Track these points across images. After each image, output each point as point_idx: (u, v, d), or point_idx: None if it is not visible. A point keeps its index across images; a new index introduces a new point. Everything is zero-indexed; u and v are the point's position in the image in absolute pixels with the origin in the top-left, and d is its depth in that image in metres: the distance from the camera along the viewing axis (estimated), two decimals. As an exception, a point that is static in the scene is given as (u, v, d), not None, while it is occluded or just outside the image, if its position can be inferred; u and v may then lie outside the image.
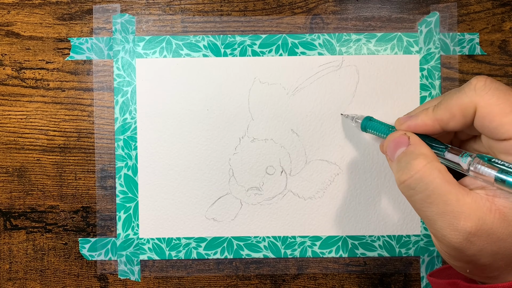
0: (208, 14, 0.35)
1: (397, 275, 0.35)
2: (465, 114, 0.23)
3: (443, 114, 0.24)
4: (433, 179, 0.22)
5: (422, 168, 0.23)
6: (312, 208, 0.35)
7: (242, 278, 0.35)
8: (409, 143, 0.25)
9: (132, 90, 0.35)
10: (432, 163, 0.23)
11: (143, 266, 0.35)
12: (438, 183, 0.22)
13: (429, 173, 0.23)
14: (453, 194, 0.22)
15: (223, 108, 0.34)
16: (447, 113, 0.24)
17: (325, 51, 0.34)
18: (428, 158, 0.23)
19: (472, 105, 0.23)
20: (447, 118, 0.24)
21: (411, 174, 0.23)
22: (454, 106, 0.24)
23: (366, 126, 0.31)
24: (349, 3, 0.35)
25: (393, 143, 0.25)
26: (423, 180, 0.23)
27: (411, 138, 0.25)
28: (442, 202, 0.22)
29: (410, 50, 0.34)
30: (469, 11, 0.35)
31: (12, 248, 0.35)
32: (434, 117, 0.25)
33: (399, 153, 0.25)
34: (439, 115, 0.25)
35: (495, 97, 0.22)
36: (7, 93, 0.35)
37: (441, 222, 0.22)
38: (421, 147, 0.24)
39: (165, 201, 0.35)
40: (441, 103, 0.24)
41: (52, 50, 0.35)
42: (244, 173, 0.35)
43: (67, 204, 0.35)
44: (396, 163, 0.25)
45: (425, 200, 0.23)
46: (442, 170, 0.23)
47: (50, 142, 0.35)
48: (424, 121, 0.25)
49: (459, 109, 0.23)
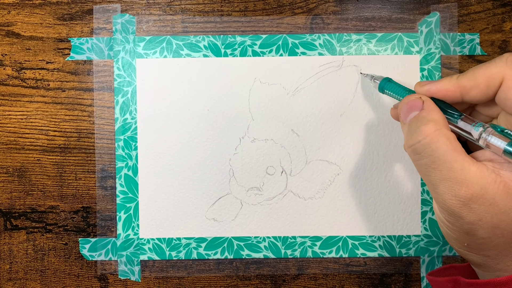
0: (208, 14, 0.35)
1: (397, 275, 0.35)
2: (490, 84, 0.23)
3: (467, 81, 0.24)
4: (440, 145, 0.23)
5: (430, 134, 0.23)
6: (312, 208, 0.35)
7: (242, 278, 0.35)
8: (422, 107, 0.24)
9: (132, 90, 0.35)
10: (441, 130, 0.23)
11: (143, 266, 0.35)
12: (445, 150, 0.22)
13: (437, 139, 0.23)
14: (458, 162, 0.22)
15: (224, 108, 0.34)
16: (471, 81, 0.24)
17: (326, 51, 0.34)
18: (438, 124, 0.23)
19: (499, 76, 0.23)
20: (470, 86, 0.24)
21: (419, 139, 0.23)
22: (481, 75, 0.24)
23: (384, 87, 0.31)
24: (350, 3, 0.35)
25: (406, 105, 0.25)
26: (430, 146, 0.23)
27: (425, 102, 0.25)
28: (446, 169, 0.22)
29: (410, 50, 0.34)
30: (470, 11, 0.35)
31: (12, 248, 0.35)
32: (457, 83, 0.25)
33: (411, 116, 0.25)
34: (463, 82, 0.24)
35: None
36: (8, 93, 0.35)
37: (443, 187, 0.23)
38: (433, 113, 0.24)
39: (165, 201, 0.35)
40: (468, 71, 0.25)
41: (52, 50, 0.35)
42: (244, 173, 0.35)
43: (67, 204, 0.35)
44: (407, 126, 0.25)
45: (430, 165, 0.23)
46: (451, 137, 0.23)
47: (50, 142, 0.35)
48: (446, 85, 0.25)
49: (485, 78, 0.23)
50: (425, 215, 0.34)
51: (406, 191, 0.34)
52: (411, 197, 0.34)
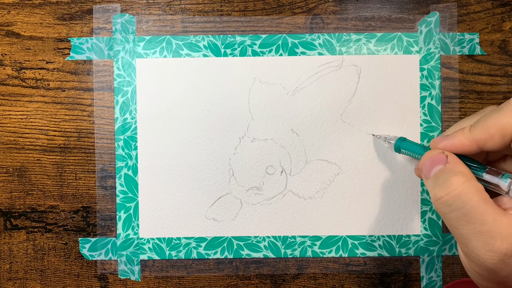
0: (208, 14, 0.35)
1: (397, 275, 0.35)
2: (504, 134, 0.23)
3: (480, 134, 0.24)
4: (471, 197, 0.22)
5: (460, 186, 0.23)
6: (312, 208, 0.35)
7: (242, 278, 0.35)
8: (447, 161, 0.24)
9: (132, 90, 0.35)
10: (470, 181, 0.23)
11: (143, 266, 0.35)
12: (476, 201, 0.22)
13: (468, 190, 0.22)
14: (490, 213, 0.22)
15: (223, 108, 0.35)
16: (485, 133, 0.24)
17: (325, 51, 0.34)
18: (467, 176, 0.23)
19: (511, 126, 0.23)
20: (485, 139, 0.24)
21: (448, 191, 0.23)
22: (493, 126, 0.23)
23: (400, 147, 0.31)
24: (349, 3, 0.35)
25: (429, 160, 0.25)
26: (461, 198, 0.22)
27: (449, 156, 0.25)
28: (479, 221, 0.22)
29: (410, 50, 0.34)
30: (469, 11, 0.35)
31: (12, 248, 0.35)
32: (472, 137, 0.25)
33: (436, 170, 0.24)
34: (477, 135, 0.24)
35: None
36: (7, 93, 0.35)
37: (476, 242, 0.22)
38: (459, 166, 0.24)
39: (165, 201, 0.35)
40: (479, 122, 0.24)
41: (52, 50, 0.35)
42: (244, 173, 0.35)
43: (67, 204, 0.35)
44: (432, 180, 0.24)
45: (462, 218, 0.22)
46: (480, 189, 0.23)
47: (50, 142, 0.35)
48: (461, 140, 0.25)
49: (497, 130, 0.23)
50: (424, 215, 0.35)
51: (406, 191, 0.34)
52: (411, 197, 0.34)
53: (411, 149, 0.30)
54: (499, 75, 0.35)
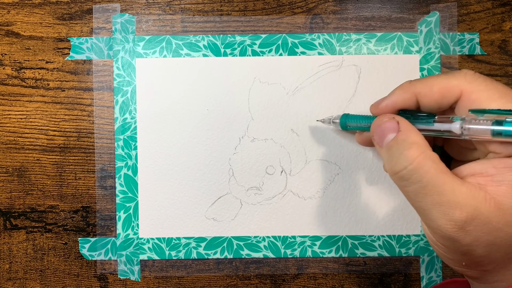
0: (208, 14, 0.35)
1: (397, 275, 0.35)
2: (445, 95, 0.23)
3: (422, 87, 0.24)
4: (428, 169, 0.22)
5: (416, 159, 0.22)
6: (312, 208, 0.35)
7: (242, 278, 0.35)
8: (399, 129, 0.24)
9: (132, 90, 0.35)
10: (425, 153, 0.22)
11: (143, 266, 0.35)
12: (433, 173, 0.22)
13: (424, 163, 0.22)
14: (448, 184, 0.21)
15: (223, 108, 0.34)
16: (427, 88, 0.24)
17: (325, 51, 0.34)
18: (421, 147, 0.22)
19: (457, 89, 0.23)
20: (425, 93, 0.24)
21: (404, 165, 0.22)
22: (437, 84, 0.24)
23: (346, 122, 0.30)
24: (349, 3, 0.35)
25: (380, 128, 0.24)
26: (418, 172, 0.22)
27: (401, 123, 0.24)
28: (437, 193, 0.22)
29: (410, 50, 0.34)
30: (469, 11, 0.35)
31: (12, 248, 0.35)
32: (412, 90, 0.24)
33: (389, 140, 0.24)
34: (418, 88, 0.24)
35: (483, 85, 0.22)
36: (7, 93, 0.35)
37: (436, 213, 0.22)
38: (413, 135, 0.23)
39: (165, 201, 0.35)
40: (423, 78, 0.24)
41: (52, 50, 0.35)
42: (244, 173, 0.35)
43: (67, 204, 0.35)
44: (386, 151, 0.24)
45: (420, 191, 0.22)
46: (436, 159, 0.22)
47: (50, 142, 0.35)
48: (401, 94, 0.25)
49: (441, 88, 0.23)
50: (424, 215, 0.34)
51: (406, 190, 0.34)
52: (411, 196, 0.34)
53: (357, 121, 0.29)
54: (499, 75, 0.35)
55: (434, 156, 0.22)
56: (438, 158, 0.22)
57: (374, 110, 0.27)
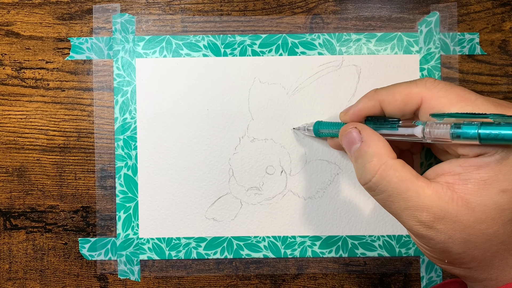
0: (208, 14, 0.35)
1: (397, 275, 0.35)
2: (408, 102, 0.24)
3: (385, 95, 0.25)
4: (390, 179, 0.23)
5: (377, 171, 0.23)
6: (312, 208, 0.35)
7: (242, 278, 0.35)
8: (361, 139, 0.25)
9: (132, 90, 0.35)
10: (386, 163, 0.23)
11: (143, 266, 0.35)
12: (396, 183, 0.23)
13: (386, 174, 0.23)
14: (412, 190, 0.22)
15: (223, 108, 0.34)
16: (390, 96, 0.25)
17: (325, 51, 0.34)
18: (382, 158, 0.24)
19: (418, 96, 0.24)
20: (388, 101, 0.25)
21: (368, 178, 0.24)
22: (399, 92, 0.25)
23: (319, 129, 0.31)
24: (349, 3, 0.35)
25: (345, 139, 0.26)
26: (381, 182, 0.23)
27: (363, 133, 0.25)
28: (402, 200, 0.23)
29: (410, 50, 0.34)
30: (469, 11, 0.35)
31: (12, 248, 0.35)
32: (376, 97, 0.26)
33: (354, 150, 0.25)
34: (381, 96, 0.25)
35: (443, 91, 0.23)
36: (7, 93, 0.35)
37: (406, 216, 0.23)
38: (373, 144, 0.24)
39: (165, 201, 0.35)
40: (388, 86, 0.26)
41: (52, 50, 0.35)
42: (244, 173, 0.35)
43: (67, 204, 0.35)
44: (354, 161, 0.25)
45: (387, 199, 0.24)
46: (398, 167, 0.23)
47: (50, 142, 0.35)
48: (366, 103, 0.26)
49: (403, 95, 0.24)
50: (424, 215, 0.34)
51: (406, 190, 0.34)
52: (411, 196, 0.34)
53: (328, 127, 0.30)
54: (499, 75, 0.35)
55: (397, 164, 0.23)
56: (401, 165, 0.23)
57: (343, 117, 0.28)
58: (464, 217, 0.22)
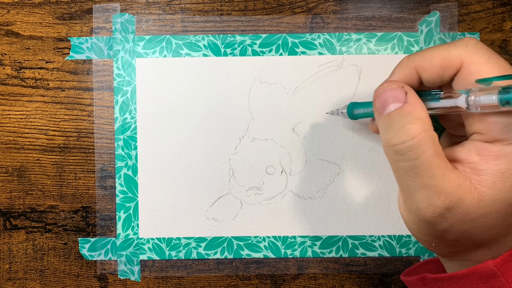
0: (208, 13, 0.35)
1: (398, 275, 0.35)
2: (447, 66, 0.22)
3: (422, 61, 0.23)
4: (426, 149, 0.21)
5: (418, 136, 0.21)
6: (312, 208, 0.35)
7: (242, 278, 0.35)
8: (406, 100, 0.22)
9: (132, 90, 0.35)
10: (428, 131, 0.21)
11: (143, 266, 0.35)
12: (430, 154, 0.21)
13: (424, 142, 0.21)
14: (440, 168, 0.21)
15: (223, 108, 0.34)
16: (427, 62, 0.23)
17: (326, 50, 0.34)
18: (426, 124, 0.21)
19: (458, 59, 0.22)
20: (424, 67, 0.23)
21: (403, 139, 0.21)
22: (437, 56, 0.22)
23: (353, 109, 0.30)
24: (350, 3, 0.35)
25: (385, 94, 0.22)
26: (416, 149, 0.21)
27: (409, 93, 0.22)
28: (428, 175, 0.21)
29: (410, 49, 0.34)
30: (470, 11, 0.35)
31: (12, 248, 0.35)
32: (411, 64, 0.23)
33: (392, 109, 0.22)
34: (417, 62, 0.23)
35: (485, 56, 0.21)
36: (7, 92, 0.35)
37: (421, 195, 0.21)
38: (419, 109, 0.21)
39: (165, 201, 0.35)
40: (420, 52, 0.23)
41: (52, 49, 0.35)
42: (244, 173, 0.34)
43: (67, 204, 0.35)
44: (386, 120, 0.22)
45: (412, 169, 0.21)
46: (435, 140, 0.21)
47: (50, 142, 0.35)
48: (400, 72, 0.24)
49: (441, 60, 0.22)
50: (425, 215, 0.34)
51: (406, 190, 0.34)
52: (411, 196, 0.34)
53: (364, 107, 0.28)
54: (500, 75, 0.35)
55: (435, 136, 0.21)
56: (437, 140, 0.21)
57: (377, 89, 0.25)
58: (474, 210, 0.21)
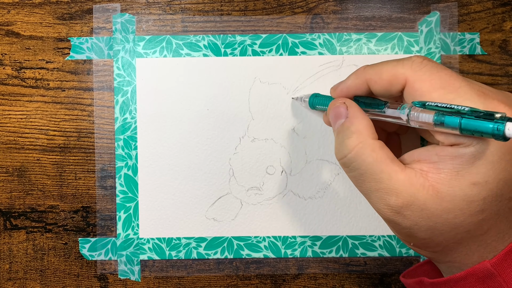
0: (208, 13, 0.35)
1: (398, 275, 0.35)
2: (393, 83, 0.24)
3: (372, 74, 0.25)
4: (366, 158, 0.23)
5: (354, 148, 0.23)
6: (312, 208, 0.35)
7: (242, 278, 0.35)
8: (347, 114, 0.25)
9: (132, 90, 0.35)
10: (365, 142, 0.23)
11: (143, 266, 0.35)
12: (370, 162, 0.23)
13: (362, 152, 0.23)
14: (385, 172, 0.22)
15: (223, 108, 0.34)
16: (377, 76, 0.24)
17: (326, 50, 0.34)
18: (362, 136, 0.23)
19: (403, 78, 0.23)
20: (374, 81, 0.25)
21: (345, 153, 0.24)
22: (386, 71, 0.24)
23: (314, 102, 0.31)
24: (350, 3, 0.35)
25: (333, 113, 0.26)
26: (356, 160, 0.23)
27: (349, 108, 0.25)
28: (374, 181, 0.23)
29: (410, 49, 0.34)
30: (470, 11, 0.35)
31: (12, 248, 0.35)
32: (364, 76, 0.25)
33: (338, 125, 0.25)
34: (369, 75, 0.25)
35: (427, 73, 0.23)
36: (7, 92, 0.35)
37: (375, 197, 0.23)
38: (356, 122, 0.24)
39: (165, 201, 0.35)
40: (375, 65, 0.25)
41: (52, 49, 0.35)
42: (244, 173, 0.34)
43: (67, 204, 0.35)
44: (336, 136, 0.25)
45: (359, 178, 0.24)
46: (376, 147, 0.23)
47: (50, 142, 0.35)
48: (354, 81, 0.26)
49: (389, 76, 0.24)
50: (425, 215, 0.34)
51: (406, 190, 0.34)
52: (411, 196, 0.34)
53: (322, 103, 0.30)
54: (500, 75, 0.35)
55: (375, 144, 0.23)
56: (379, 146, 0.23)
57: (332, 93, 0.28)
58: (432, 206, 0.22)
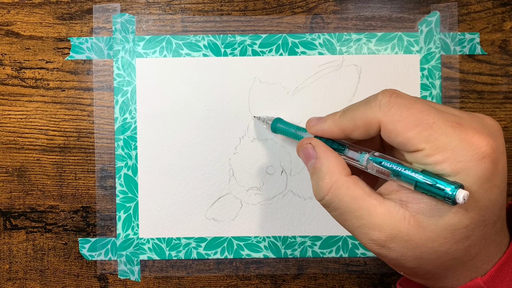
0: (208, 13, 0.35)
1: (397, 275, 0.35)
2: (369, 128, 0.24)
3: (347, 123, 0.25)
4: (342, 198, 0.23)
5: (330, 189, 0.24)
6: (312, 208, 0.35)
7: (242, 278, 0.35)
8: (315, 155, 0.25)
9: (132, 90, 0.35)
10: (338, 181, 0.23)
11: (143, 266, 0.35)
12: (347, 201, 0.23)
13: (337, 193, 0.23)
14: (364, 209, 0.23)
15: (223, 108, 0.34)
16: (351, 124, 0.24)
17: (326, 50, 0.34)
18: (334, 176, 0.24)
19: (375, 121, 0.23)
20: (351, 129, 0.24)
21: (322, 196, 0.24)
22: (359, 119, 0.24)
23: (276, 128, 0.32)
24: (350, 3, 0.35)
25: (302, 154, 0.26)
26: (334, 201, 0.24)
27: (317, 149, 0.25)
28: (355, 218, 0.23)
29: (410, 49, 0.34)
30: (470, 11, 0.35)
31: (12, 248, 0.35)
32: (340, 125, 0.25)
33: (310, 166, 0.25)
34: (344, 124, 0.25)
35: (398, 113, 0.22)
36: (7, 92, 0.35)
37: (359, 233, 0.23)
38: (326, 162, 0.24)
39: (165, 201, 0.35)
40: (348, 112, 0.25)
41: (52, 49, 0.35)
42: (244, 173, 0.34)
43: (67, 204, 0.35)
44: (310, 177, 0.26)
45: (340, 216, 0.24)
46: (350, 185, 0.23)
47: (50, 142, 0.35)
48: (331, 127, 0.26)
49: (363, 122, 0.24)
50: (425, 215, 0.34)
51: (406, 190, 0.34)
52: (411, 196, 0.34)
53: (285, 132, 0.31)
54: (500, 75, 0.35)
55: (349, 181, 0.23)
56: (354, 183, 0.23)
57: (309, 129, 0.28)
58: (416, 236, 0.22)
